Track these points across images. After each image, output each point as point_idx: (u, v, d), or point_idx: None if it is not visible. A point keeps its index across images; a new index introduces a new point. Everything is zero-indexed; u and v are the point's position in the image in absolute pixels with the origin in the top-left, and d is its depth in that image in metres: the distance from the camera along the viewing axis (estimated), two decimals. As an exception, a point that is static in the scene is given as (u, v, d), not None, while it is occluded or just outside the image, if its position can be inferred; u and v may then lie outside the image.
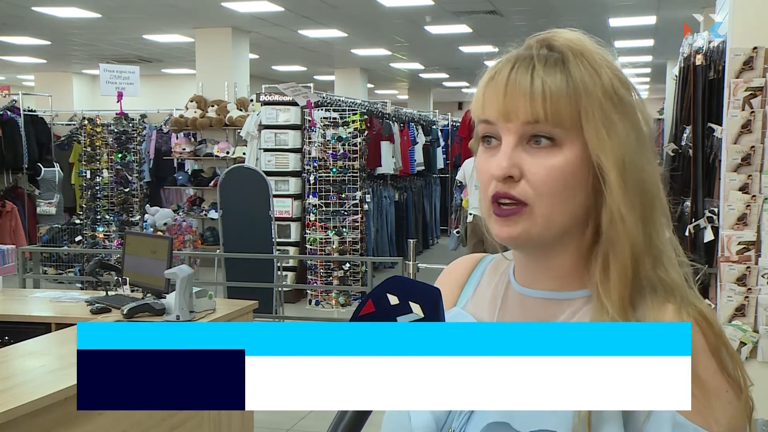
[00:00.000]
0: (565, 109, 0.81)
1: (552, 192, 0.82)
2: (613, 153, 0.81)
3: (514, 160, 0.82)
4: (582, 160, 0.82)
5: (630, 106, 0.84)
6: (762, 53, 3.15)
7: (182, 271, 3.39)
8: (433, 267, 5.57)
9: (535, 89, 0.81)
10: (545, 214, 0.82)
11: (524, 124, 0.82)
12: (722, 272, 3.23)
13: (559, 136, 0.82)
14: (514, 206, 0.83)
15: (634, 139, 0.83)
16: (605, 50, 0.87)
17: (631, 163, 0.82)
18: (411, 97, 20.44)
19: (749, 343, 3.15)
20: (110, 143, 7.65)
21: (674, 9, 9.26)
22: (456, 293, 1.00)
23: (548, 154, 0.82)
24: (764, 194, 3.17)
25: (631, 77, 0.88)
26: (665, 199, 0.86)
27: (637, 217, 0.82)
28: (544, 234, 0.84)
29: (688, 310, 0.80)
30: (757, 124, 3.17)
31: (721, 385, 0.78)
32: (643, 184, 0.83)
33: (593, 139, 0.82)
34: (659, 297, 0.81)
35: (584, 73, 0.83)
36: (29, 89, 15.68)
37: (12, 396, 2.40)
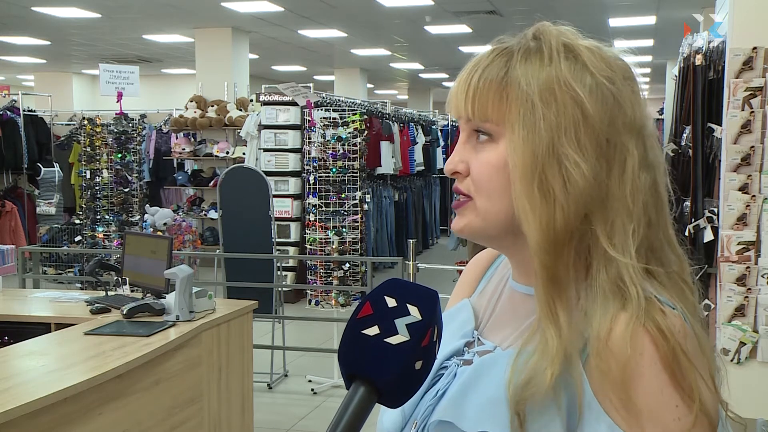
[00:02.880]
0: (492, 105, 0.82)
1: (486, 186, 0.83)
2: (523, 149, 0.80)
3: (461, 155, 0.86)
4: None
5: (580, 100, 0.79)
6: (762, 53, 3.15)
7: (182, 271, 3.39)
8: (433, 267, 5.57)
9: (470, 86, 0.83)
10: (484, 207, 0.84)
11: (466, 121, 0.85)
12: (722, 272, 3.23)
13: (494, 132, 0.83)
14: (462, 200, 0.86)
15: (571, 134, 0.79)
16: (590, 42, 0.85)
17: (549, 160, 0.79)
18: (411, 97, 20.45)
19: (749, 343, 3.15)
20: (110, 143, 7.65)
21: (674, 9, 9.26)
22: (474, 284, 1.02)
23: (485, 150, 0.84)
24: (764, 194, 3.17)
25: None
26: (633, 205, 0.81)
27: (542, 218, 0.79)
28: (486, 227, 0.85)
29: (642, 322, 0.75)
30: (756, 124, 3.17)
31: (669, 400, 0.74)
32: (572, 182, 0.78)
33: (508, 132, 0.82)
34: (613, 305, 0.77)
35: (527, 66, 0.81)
36: (29, 89, 15.68)
37: (12, 396, 2.40)
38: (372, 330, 0.71)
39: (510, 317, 0.89)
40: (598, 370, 0.75)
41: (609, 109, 0.81)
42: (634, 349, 0.74)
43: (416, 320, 0.71)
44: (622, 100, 0.82)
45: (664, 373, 0.74)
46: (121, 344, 3.03)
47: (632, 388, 0.74)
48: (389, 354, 0.70)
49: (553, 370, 0.75)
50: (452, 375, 0.87)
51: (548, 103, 0.80)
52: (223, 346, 3.61)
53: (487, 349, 0.88)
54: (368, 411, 0.70)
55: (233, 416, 3.70)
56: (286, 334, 5.71)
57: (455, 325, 0.94)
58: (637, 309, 0.76)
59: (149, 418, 3.02)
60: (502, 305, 0.92)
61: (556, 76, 0.80)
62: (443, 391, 0.86)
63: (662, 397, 0.74)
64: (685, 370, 0.74)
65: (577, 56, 0.82)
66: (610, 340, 0.75)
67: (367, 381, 0.70)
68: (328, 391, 5.25)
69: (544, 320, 0.79)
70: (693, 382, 0.74)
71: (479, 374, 0.83)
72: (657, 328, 0.75)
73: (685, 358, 0.75)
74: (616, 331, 0.75)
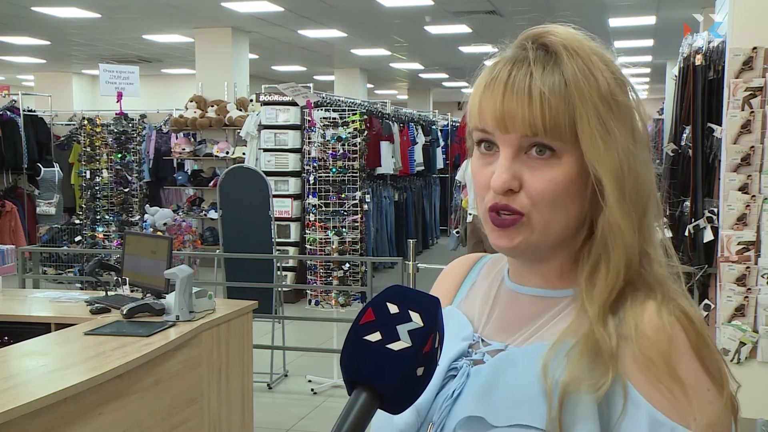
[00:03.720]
0: (563, 120, 0.80)
1: (550, 203, 0.82)
2: (610, 162, 0.80)
3: (513, 172, 0.82)
4: (580, 170, 0.82)
5: (627, 109, 0.83)
6: (762, 53, 3.15)
7: (182, 271, 3.39)
8: (433, 267, 5.57)
9: (534, 100, 0.80)
10: (543, 223, 0.83)
11: (522, 136, 0.81)
12: (722, 272, 3.24)
13: (558, 147, 0.81)
14: (512, 217, 0.83)
15: (630, 144, 0.82)
16: (601, 47, 0.85)
17: (628, 171, 0.81)
18: (411, 97, 20.44)
19: (749, 343, 3.15)
20: (110, 143, 7.65)
21: (674, 9, 9.26)
22: (453, 292, 1.01)
23: (547, 166, 0.82)
24: (764, 194, 3.17)
25: (629, 77, 0.87)
26: (658, 199, 0.86)
27: (632, 225, 0.81)
28: (541, 243, 0.84)
29: (669, 308, 0.79)
30: (756, 124, 3.17)
31: (703, 383, 0.77)
32: (639, 189, 0.82)
33: (588, 148, 0.80)
34: (640, 295, 0.80)
35: (580, 78, 0.81)
36: (29, 89, 15.67)
37: (12, 396, 2.40)
38: (374, 336, 0.71)
39: (516, 319, 0.89)
40: (641, 358, 0.77)
41: (639, 112, 0.85)
42: (670, 335, 0.77)
43: (418, 327, 0.71)
44: (639, 102, 0.85)
45: (694, 357, 0.77)
46: (121, 344, 3.03)
47: (676, 365, 0.76)
48: (391, 360, 0.70)
49: (613, 372, 0.77)
50: (465, 375, 0.86)
51: (608, 112, 0.81)
52: (223, 346, 3.61)
53: (497, 348, 0.88)
54: (370, 417, 0.70)
55: (233, 416, 3.70)
56: (286, 334, 5.71)
57: (450, 330, 0.92)
58: (664, 297, 0.80)
59: (149, 418, 3.02)
60: (503, 307, 0.92)
61: (607, 84, 0.82)
62: (459, 391, 0.86)
63: (699, 377, 0.77)
64: (712, 354, 0.78)
65: (606, 63, 0.84)
66: (646, 328, 0.78)
67: (369, 387, 0.70)
68: (328, 391, 5.25)
69: (597, 323, 0.80)
70: (721, 367, 0.78)
71: (501, 370, 0.84)
72: (684, 314, 0.79)
73: (711, 343, 0.78)
74: (649, 319, 0.78)
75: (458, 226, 7.18)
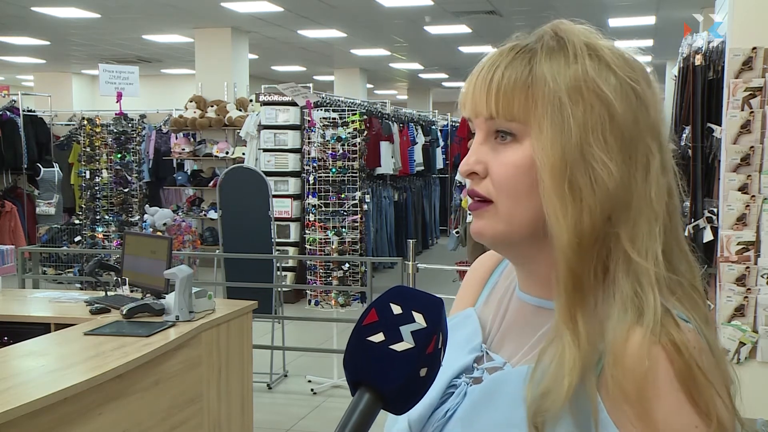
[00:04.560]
0: (518, 103, 0.79)
1: (510, 189, 0.80)
2: (552, 147, 0.77)
3: (479, 156, 0.83)
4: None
5: (606, 99, 0.78)
6: (761, 53, 3.15)
7: (182, 272, 3.39)
8: (433, 267, 5.57)
9: (492, 84, 0.80)
10: (507, 211, 0.81)
11: (486, 120, 0.82)
12: (721, 272, 3.24)
13: (518, 132, 0.80)
14: (481, 203, 0.83)
15: (599, 133, 0.77)
16: (607, 41, 0.83)
17: (577, 160, 0.77)
18: (410, 98, 20.45)
19: (749, 343, 3.15)
20: (110, 143, 7.64)
21: (674, 9, 9.26)
22: (477, 292, 1.00)
23: (507, 150, 0.81)
24: (763, 194, 3.18)
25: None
26: (657, 207, 0.79)
27: (572, 219, 0.76)
28: (509, 232, 0.82)
29: (656, 335, 0.73)
30: (756, 125, 3.17)
31: (688, 419, 0.72)
32: (600, 183, 0.77)
33: (534, 133, 0.79)
34: (628, 318, 0.75)
35: (552, 64, 0.79)
36: (29, 89, 15.68)
37: (12, 396, 2.40)
38: (377, 337, 0.71)
39: (519, 330, 0.87)
40: (614, 385, 0.73)
41: (633, 110, 0.80)
42: (649, 367, 0.72)
43: (421, 327, 0.71)
44: (645, 100, 0.81)
45: (680, 392, 0.72)
46: (121, 344, 3.03)
47: (649, 405, 0.72)
48: (394, 361, 0.70)
49: (570, 380, 0.74)
50: (462, 395, 0.85)
51: (576, 102, 0.78)
52: (223, 346, 3.61)
53: (496, 366, 0.86)
54: (373, 417, 0.70)
55: (233, 416, 3.70)
56: (286, 334, 5.71)
57: (462, 338, 0.92)
58: (653, 323, 0.74)
59: (149, 418, 3.02)
60: (509, 317, 0.90)
61: (582, 75, 0.79)
62: (453, 411, 0.85)
63: (680, 416, 0.72)
64: (701, 387, 0.72)
65: (600, 56, 0.81)
66: (626, 355, 0.73)
67: (372, 387, 0.70)
68: (327, 391, 5.25)
69: (562, 327, 0.76)
70: (710, 400, 0.72)
71: (490, 394, 0.82)
72: (672, 344, 0.73)
73: (701, 374, 0.73)
74: (631, 347, 0.73)
75: (458, 226, 7.18)
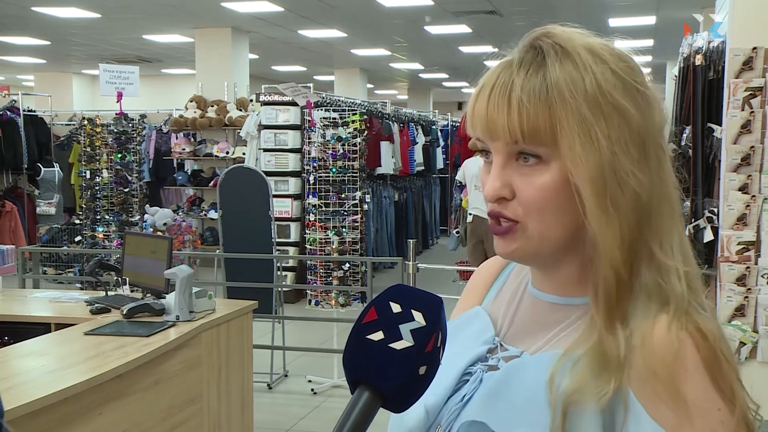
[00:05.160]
0: (543, 125, 0.79)
1: (542, 210, 0.81)
2: (588, 166, 0.78)
3: (503, 180, 0.82)
4: (569, 175, 0.81)
5: (623, 110, 0.79)
6: (762, 53, 3.15)
7: (182, 272, 3.39)
8: (433, 267, 5.57)
9: (512, 107, 0.79)
10: (538, 231, 0.82)
11: (507, 144, 0.81)
12: (722, 272, 3.24)
13: (544, 153, 0.80)
14: (508, 224, 0.83)
15: (622, 147, 0.79)
16: (601, 43, 0.83)
17: (612, 174, 0.78)
18: (411, 97, 20.45)
19: (749, 343, 3.15)
20: (110, 143, 7.64)
21: (674, 9, 9.26)
22: (483, 293, 1.01)
23: (535, 172, 0.81)
24: (764, 194, 3.17)
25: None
26: (675, 203, 0.82)
27: (615, 234, 0.78)
28: (540, 250, 0.83)
29: (681, 322, 0.76)
30: (756, 124, 3.17)
31: (713, 403, 0.74)
32: (630, 193, 0.79)
33: (567, 154, 0.79)
34: (653, 307, 0.78)
35: (562, 80, 0.79)
36: (29, 89, 15.67)
37: (12, 396, 2.39)
38: (377, 335, 0.71)
39: (535, 325, 0.89)
40: (644, 367, 0.75)
41: (643, 112, 0.81)
42: (678, 349, 0.75)
43: (420, 326, 0.71)
44: (649, 100, 0.82)
45: (705, 375, 0.75)
46: (121, 344, 3.03)
47: (680, 383, 0.74)
48: (393, 359, 0.70)
49: (617, 382, 0.75)
50: (478, 381, 0.87)
51: (597, 116, 0.78)
52: (223, 346, 3.61)
53: (513, 355, 0.88)
54: (372, 415, 0.70)
55: (233, 416, 3.70)
56: (286, 334, 5.71)
57: (472, 332, 0.94)
58: (678, 311, 0.77)
59: (149, 418, 3.02)
60: (523, 313, 0.92)
61: (597, 86, 0.79)
62: (470, 395, 0.86)
63: (706, 398, 0.74)
64: (725, 372, 0.75)
65: (604, 60, 0.81)
66: (653, 341, 0.76)
67: (371, 386, 0.70)
68: (328, 391, 5.25)
69: (604, 331, 0.78)
70: (734, 385, 0.75)
71: (510, 377, 0.83)
72: (698, 330, 0.76)
73: (725, 360, 0.76)
74: (658, 333, 0.76)
75: (458, 226, 7.18)
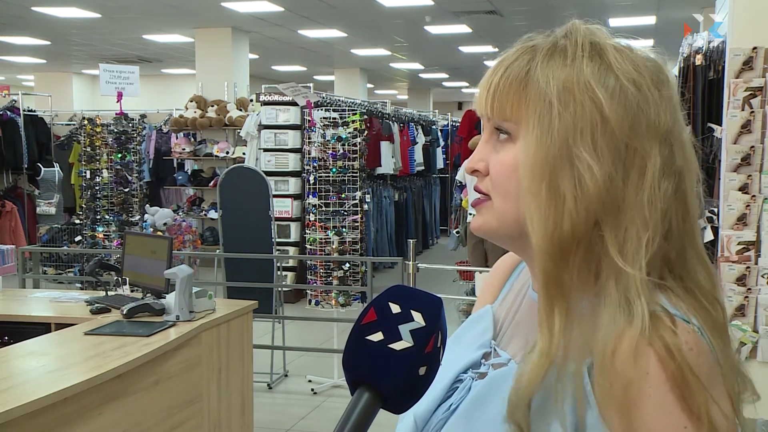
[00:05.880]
0: (511, 104, 0.81)
1: (501, 186, 0.82)
2: (535, 150, 0.77)
3: (482, 154, 0.85)
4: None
5: (598, 101, 0.77)
6: (762, 53, 3.15)
7: (182, 271, 3.39)
8: (433, 267, 5.57)
9: (491, 85, 0.82)
10: (499, 208, 0.83)
11: (487, 120, 0.84)
12: (722, 272, 3.23)
13: (513, 131, 0.82)
14: (480, 197, 0.85)
15: (587, 136, 0.76)
16: (614, 40, 0.83)
17: (560, 161, 0.77)
18: (411, 97, 20.45)
19: (749, 343, 3.15)
20: (110, 143, 7.64)
21: (674, 9, 9.26)
22: (497, 291, 1.01)
23: (503, 149, 0.83)
24: (764, 194, 3.17)
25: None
26: (653, 211, 0.76)
27: (549, 219, 0.76)
28: (499, 228, 0.84)
29: (649, 340, 0.72)
30: (756, 124, 3.17)
31: (676, 422, 0.71)
32: (583, 186, 0.76)
33: (523, 133, 0.80)
34: (621, 319, 0.74)
35: (548, 65, 0.80)
36: (29, 89, 15.68)
37: (12, 396, 2.40)
38: (376, 336, 0.71)
39: (527, 327, 0.88)
40: (602, 387, 0.73)
41: (631, 113, 0.78)
42: (638, 369, 0.71)
43: (420, 326, 0.71)
44: (645, 103, 0.78)
45: (671, 395, 0.71)
46: (121, 344, 3.03)
47: (635, 411, 0.71)
48: (393, 360, 0.70)
49: (533, 375, 0.74)
50: (466, 389, 0.86)
51: (566, 104, 0.78)
52: (223, 346, 3.61)
53: (501, 362, 0.87)
54: (372, 416, 0.70)
55: (233, 416, 3.70)
56: (286, 334, 5.71)
57: (474, 334, 0.93)
58: (643, 325, 0.72)
59: (149, 418, 3.02)
60: (519, 315, 0.92)
61: (576, 77, 0.78)
62: (456, 405, 0.86)
63: (670, 419, 0.71)
64: (694, 391, 0.71)
65: (603, 56, 0.80)
66: (615, 357, 0.72)
67: (371, 386, 0.70)
68: (328, 391, 5.25)
69: (539, 325, 0.77)
70: (703, 405, 0.71)
71: (490, 389, 0.83)
72: (664, 346, 0.71)
73: (694, 378, 0.71)
74: (621, 349, 0.72)
75: (458, 226, 7.18)
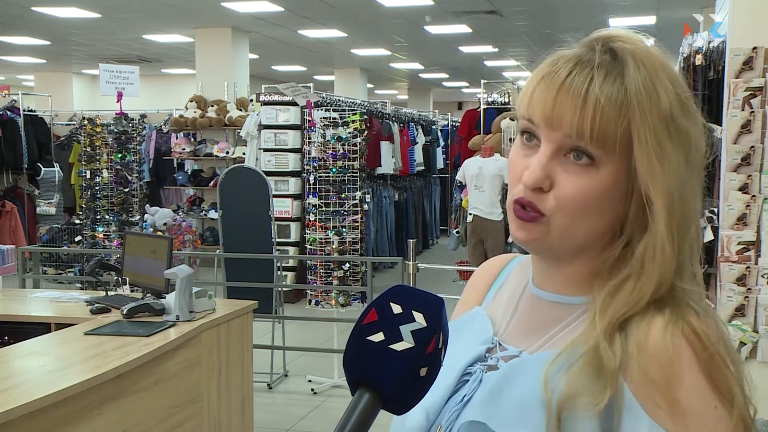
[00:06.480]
0: (613, 132, 0.78)
1: (575, 210, 0.81)
2: (664, 184, 0.79)
3: (547, 171, 0.81)
4: (618, 184, 0.80)
5: (684, 133, 0.80)
6: (762, 53, 3.15)
7: (182, 271, 3.39)
8: (433, 267, 5.57)
9: (588, 105, 0.78)
10: (562, 227, 0.82)
11: (566, 137, 0.80)
12: (722, 272, 3.24)
13: (599, 156, 0.80)
14: (534, 215, 0.82)
15: (683, 169, 0.80)
16: (669, 62, 0.83)
17: (678, 196, 0.79)
18: (411, 97, 20.45)
19: (749, 343, 3.15)
20: (110, 143, 7.64)
21: (674, 9, 9.26)
22: (483, 293, 1.01)
23: (583, 173, 0.80)
24: (764, 194, 3.18)
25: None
26: (699, 225, 0.85)
27: (674, 248, 0.80)
28: (558, 246, 0.84)
29: (677, 325, 0.77)
30: (756, 124, 3.17)
31: (708, 402, 0.75)
32: (686, 215, 0.81)
33: (644, 166, 0.79)
34: (649, 311, 0.79)
35: (642, 92, 0.79)
36: (29, 89, 15.68)
37: (12, 396, 2.40)
38: (377, 336, 0.71)
39: (535, 324, 0.89)
40: (640, 373, 0.76)
41: (698, 131, 0.82)
42: (673, 353, 0.75)
43: (421, 327, 0.71)
44: (696, 117, 0.83)
45: (702, 376, 0.75)
46: (121, 344, 3.03)
47: (675, 388, 0.75)
48: (394, 360, 0.70)
49: (612, 390, 0.76)
50: (478, 381, 0.87)
51: (667, 133, 0.79)
52: (223, 346, 3.61)
53: (512, 354, 0.88)
54: (373, 417, 0.70)
55: (233, 416, 3.70)
56: (286, 334, 5.71)
57: (472, 332, 0.94)
58: (673, 313, 0.77)
59: (149, 418, 3.02)
60: (523, 311, 0.92)
61: (668, 103, 0.79)
62: (470, 396, 0.86)
63: (703, 398, 0.75)
64: (722, 373, 0.76)
65: (675, 83, 0.82)
66: (648, 344, 0.76)
67: (372, 387, 0.70)
68: (328, 391, 5.25)
69: (602, 339, 0.78)
70: (731, 385, 0.76)
71: (510, 377, 0.84)
72: (693, 332, 0.76)
73: (721, 361, 0.76)
74: (653, 337, 0.76)
75: (458, 226, 7.19)
